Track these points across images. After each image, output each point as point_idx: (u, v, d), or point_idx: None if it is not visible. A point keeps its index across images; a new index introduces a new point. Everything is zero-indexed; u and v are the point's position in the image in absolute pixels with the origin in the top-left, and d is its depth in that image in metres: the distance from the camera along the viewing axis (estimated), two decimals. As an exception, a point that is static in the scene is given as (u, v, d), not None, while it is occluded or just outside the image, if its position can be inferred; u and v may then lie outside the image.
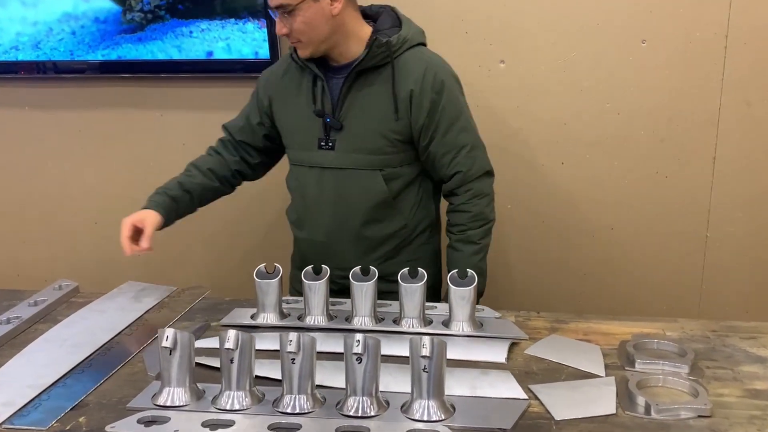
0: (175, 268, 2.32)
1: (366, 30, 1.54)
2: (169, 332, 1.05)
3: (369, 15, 1.59)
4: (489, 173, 1.64)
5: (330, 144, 1.56)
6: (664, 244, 2.06)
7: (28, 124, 2.31)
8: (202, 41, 2.05)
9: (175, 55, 2.08)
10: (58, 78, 2.22)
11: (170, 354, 1.05)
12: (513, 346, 1.26)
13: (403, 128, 1.53)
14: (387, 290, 1.46)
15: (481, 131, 2.05)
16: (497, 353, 1.21)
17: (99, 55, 2.13)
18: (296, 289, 1.76)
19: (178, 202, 1.60)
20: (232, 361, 1.04)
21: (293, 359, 1.02)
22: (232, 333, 1.03)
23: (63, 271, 2.43)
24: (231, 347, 1.03)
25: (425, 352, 0.97)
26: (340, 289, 1.54)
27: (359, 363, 1.00)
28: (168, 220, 1.57)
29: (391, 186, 1.57)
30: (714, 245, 2.04)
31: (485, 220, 1.62)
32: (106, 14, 2.08)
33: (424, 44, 1.60)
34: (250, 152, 1.70)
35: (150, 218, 1.52)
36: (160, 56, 2.09)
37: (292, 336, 1.01)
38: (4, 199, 2.40)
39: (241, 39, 2.01)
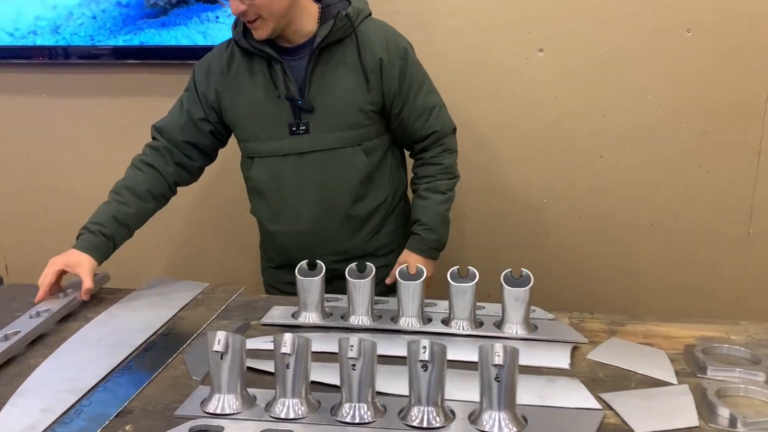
0: (199, 264, 2.27)
1: (314, 6, 1.51)
2: (221, 335, 0.98)
3: None
4: (455, 130, 1.65)
5: (303, 128, 1.51)
6: (704, 241, 2.00)
7: (45, 111, 2.24)
8: (228, 27, 1.96)
9: (200, 42, 2.01)
10: (78, 64, 2.14)
11: (221, 358, 0.99)
12: (573, 350, 1.19)
13: (376, 98, 1.52)
14: (380, 264, 1.49)
15: (517, 122, 2.00)
16: (559, 358, 1.15)
17: (120, 41, 2.05)
18: (272, 286, 1.72)
19: (115, 240, 1.52)
20: (288, 366, 0.98)
21: (354, 365, 0.96)
22: (288, 337, 0.97)
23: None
24: (287, 352, 0.96)
25: (498, 360, 0.91)
26: (333, 277, 1.49)
27: (425, 371, 0.94)
28: (102, 261, 1.49)
29: (372, 159, 1.56)
30: (756, 243, 1.98)
31: (453, 174, 1.64)
32: (129, -2, 2.00)
33: (370, 14, 1.57)
34: (192, 155, 1.60)
35: (85, 266, 1.43)
36: (185, 42, 2.02)
37: (353, 340, 0.95)
38: (20, 189, 2.33)
39: (270, 25, 1.94)
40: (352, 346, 0.95)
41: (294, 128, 1.51)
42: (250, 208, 1.68)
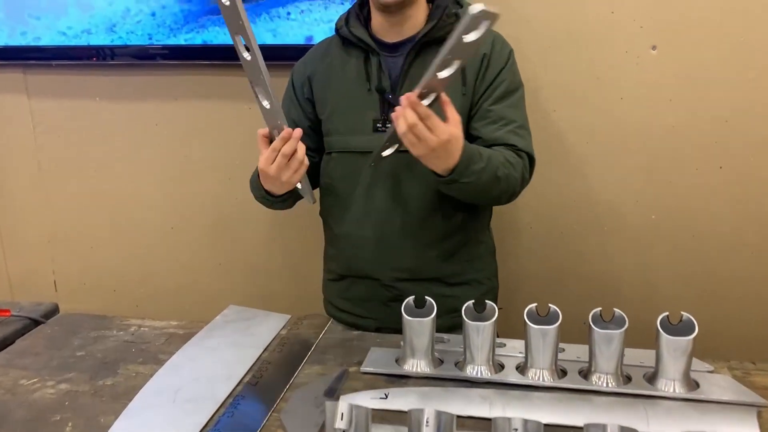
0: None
1: (426, 4, 1.40)
2: (343, 408, 0.79)
3: None
4: (534, 159, 1.37)
5: (388, 126, 1.36)
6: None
7: (98, 116, 2.08)
8: (300, 24, 1.78)
9: (269, 41, 1.82)
10: (134, 65, 1.97)
11: (343, 436, 0.79)
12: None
13: (469, 102, 1.35)
14: (440, 293, 1.31)
15: (626, 127, 1.77)
16: (745, 429, 0.93)
17: (181, 40, 1.87)
18: (330, 302, 1.55)
19: None
20: (429, 450, 0.78)
21: (517, 453, 0.75)
22: (431, 414, 0.77)
23: (135, 281, 2.22)
24: (431, 434, 0.76)
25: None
26: (394, 297, 1.40)
27: (611, 462, 0.73)
28: None
29: None
30: None
31: (517, 176, 1.30)
32: (192, -8, 1.82)
33: None
34: (311, 154, 1.48)
35: None
36: (252, 41, 1.83)
37: (517, 423, 0.74)
38: (71, 200, 2.18)
39: (348, 21, 1.74)
40: (516, 430, 0.74)
41: (379, 125, 1.38)
42: (319, 209, 1.54)
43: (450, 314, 1.42)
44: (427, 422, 0.76)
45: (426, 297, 1.13)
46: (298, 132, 1.23)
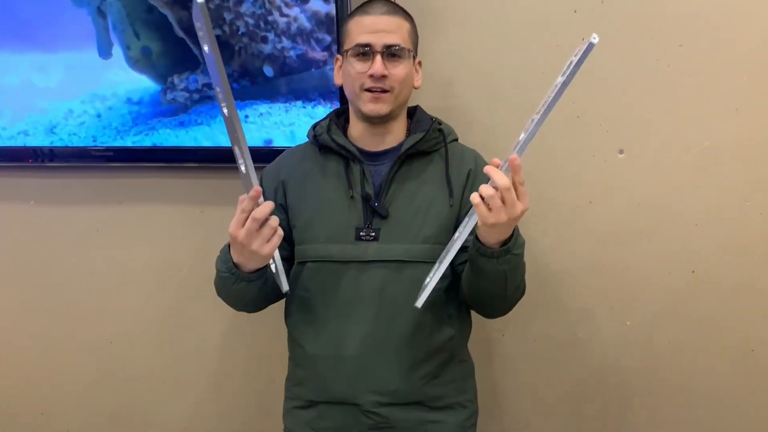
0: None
1: (405, 118, 1.42)
2: None
3: None
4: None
5: (372, 234, 1.30)
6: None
7: (32, 222, 1.91)
8: (259, 127, 1.69)
9: (225, 143, 1.72)
10: (75, 167, 1.83)
11: None
12: None
13: (456, 214, 1.33)
14: (424, 419, 1.32)
15: (595, 233, 1.73)
16: None
17: (129, 142, 1.75)
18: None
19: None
20: None
21: None
22: None
23: (66, 403, 2.00)
24: None
25: None
26: (375, 425, 1.30)
27: None
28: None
29: (443, 282, 1.31)
30: None
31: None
32: (142, 94, 1.72)
33: (457, 139, 1.45)
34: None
35: None
36: (206, 144, 1.73)
37: None
38: (2, 313, 1.97)
39: (308, 125, 1.66)
40: None
41: (362, 233, 1.30)
42: (288, 330, 1.41)
43: None
44: None
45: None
46: (269, 204, 1.12)
